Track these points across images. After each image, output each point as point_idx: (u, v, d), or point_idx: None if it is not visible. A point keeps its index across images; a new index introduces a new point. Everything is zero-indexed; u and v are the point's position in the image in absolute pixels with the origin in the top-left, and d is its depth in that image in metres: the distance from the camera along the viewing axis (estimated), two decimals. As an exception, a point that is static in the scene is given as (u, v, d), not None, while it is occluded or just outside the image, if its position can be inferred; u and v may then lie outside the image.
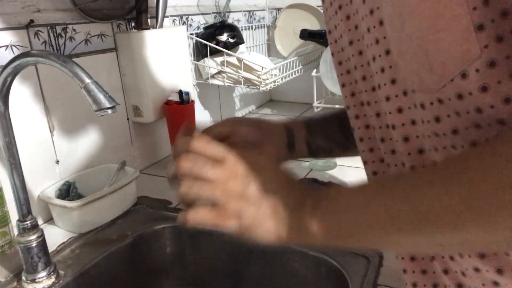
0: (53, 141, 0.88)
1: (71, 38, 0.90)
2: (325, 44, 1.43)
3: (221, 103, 1.52)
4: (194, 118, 1.10)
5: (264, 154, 0.46)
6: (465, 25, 0.30)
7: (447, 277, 0.43)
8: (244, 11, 1.61)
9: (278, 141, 0.62)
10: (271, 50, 1.77)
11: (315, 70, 1.41)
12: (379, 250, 0.72)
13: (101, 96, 0.56)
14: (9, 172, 0.63)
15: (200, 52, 1.30)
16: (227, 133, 0.57)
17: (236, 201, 0.41)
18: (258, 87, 1.27)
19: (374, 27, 0.40)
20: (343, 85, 0.52)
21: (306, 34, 1.48)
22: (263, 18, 1.75)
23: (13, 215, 0.70)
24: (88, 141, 0.96)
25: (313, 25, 1.60)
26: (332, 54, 0.53)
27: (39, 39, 0.83)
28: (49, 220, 0.86)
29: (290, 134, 0.63)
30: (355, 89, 0.50)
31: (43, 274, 0.67)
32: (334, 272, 0.70)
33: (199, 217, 0.43)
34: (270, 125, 0.63)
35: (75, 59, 0.72)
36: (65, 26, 0.88)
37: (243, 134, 0.58)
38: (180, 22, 1.25)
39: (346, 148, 0.63)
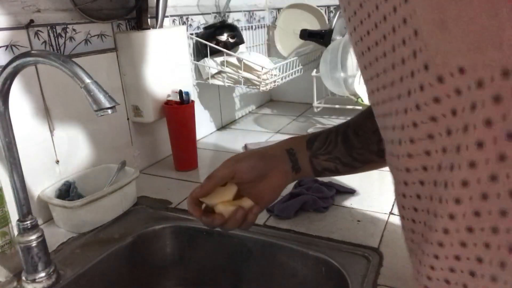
0: (53, 141, 0.88)
1: (71, 38, 0.90)
2: (325, 44, 1.43)
3: (221, 103, 1.52)
4: (194, 118, 1.10)
5: None
6: None
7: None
8: (244, 11, 1.61)
9: (283, 167, 0.63)
10: (271, 50, 1.77)
11: (315, 70, 1.41)
12: (379, 250, 0.72)
13: (101, 96, 0.56)
14: (9, 172, 0.63)
15: (200, 52, 1.30)
16: (230, 174, 0.61)
17: None
18: (258, 87, 1.27)
19: (400, 5, 0.33)
20: (370, 79, 0.47)
21: (306, 34, 1.48)
22: (263, 18, 1.75)
23: (13, 215, 0.70)
24: (88, 141, 0.96)
25: (313, 25, 1.60)
26: (355, 43, 0.45)
27: (39, 39, 0.83)
28: (49, 220, 0.87)
29: (294, 158, 0.64)
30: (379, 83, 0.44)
31: (43, 274, 0.67)
32: (334, 272, 0.70)
33: None
34: (273, 151, 0.65)
35: (75, 59, 0.72)
36: (65, 26, 0.89)
37: (247, 170, 0.62)
38: (180, 22, 1.25)
39: (353, 167, 0.63)
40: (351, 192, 0.94)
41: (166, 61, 1.09)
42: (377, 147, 0.58)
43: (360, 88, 1.25)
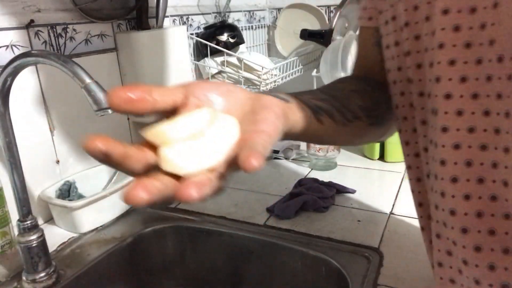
0: (53, 141, 0.88)
1: (71, 38, 0.90)
2: (325, 44, 1.43)
3: (221, 103, 1.52)
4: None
5: None
6: None
7: None
8: (244, 11, 1.61)
9: (262, 93, 0.39)
10: (271, 50, 1.77)
11: (315, 70, 1.41)
12: (379, 250, 0.72)
13: (101, 96, 0.56)
14: (9, 172, 0.63)
15: (200, 52, 1.30)
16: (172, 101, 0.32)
17: None
18: (258, 87, 1.27)
19: None
20: (392, 57, 0.48)
21: (306, 34, 1.48)
22: (263, 18, 1.75)
23: (14, 215, 0.70)
24: (88, 141, 0.96)
25: (313, 25, 1.60)
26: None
27: (39, 39, 0.83)
28: (50, 220, 0.86)
29: (274, 94, 0.41)
30: (402, 63, 0.47)
31: (43, 274, 0.67)
32: (334, 272, 0.70)
33: None
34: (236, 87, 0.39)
35: (75, 59, 0.72)
36: (66, 26, 0.88)
37: (208, 84, 0.35)
38: (180, 22, 1.25)
39: (346, 118, 0.49)
40: (351, 192, 0.94)
41: (166, 61, 1.09)
42: (361, 101, 0.50)
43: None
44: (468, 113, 0.37)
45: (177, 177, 0.26)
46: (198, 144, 0.27)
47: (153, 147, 0.28)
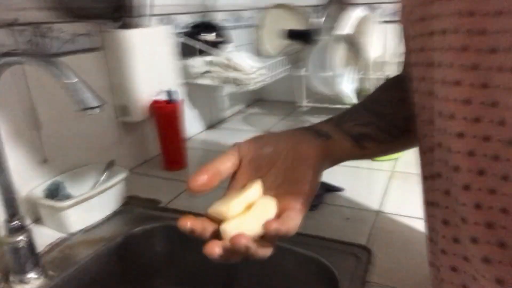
0: (41, 140, 0.87)
1: (56, 37, 0.89)
2: (312, 43, 1.44)
3: (210, 102, 1.52)
4: (182, 117, 1.10)
5: None
6: None
7: None
8: (231, 10, 1.61)
9: (304, 135, 0.48)
10: (259, 49, 1.77)
11: (303, 69, 1.42)
12: (367, 247, 0.73)
13: (87, 95, 0.55)
14: (-4, 172, 0.63)
15: (187, 51, 1.30)
16: (232, 167, 0.46)
17: None
18: (246, 86, 1.28)
19: None
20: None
21: (291, 34, 1.48)
22: (251, 17, 1.75)
23: (0, 215, 0.69)
24: (76, 140, 0.95)
25: (300, 25, 1.61)
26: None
27: (23, 38, 0.82)
28: (38, 220, 0.86)
29: (313, 128, 0.50)
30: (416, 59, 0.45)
31: (31, 274, 0.66)
32: (323, 269, 0.71)
33: None
34: (278, 133, 0.49)
35: (60, 58, 0.71)
36: (50, 25, 0.88)
37: (254, 144, 0.46)
38: (167, 21, 1.25)
39: (392, 135, 0.51)
40: (340, 190, 0.94)
41: (153, 60, 1.08)
42: (409, 112, 0.49)
43: (348, 87, 1.26)
44: (486, 121, 0.36)
45: None
46: (246, 221, 0.41)
47: (217, 219, 0.42)
